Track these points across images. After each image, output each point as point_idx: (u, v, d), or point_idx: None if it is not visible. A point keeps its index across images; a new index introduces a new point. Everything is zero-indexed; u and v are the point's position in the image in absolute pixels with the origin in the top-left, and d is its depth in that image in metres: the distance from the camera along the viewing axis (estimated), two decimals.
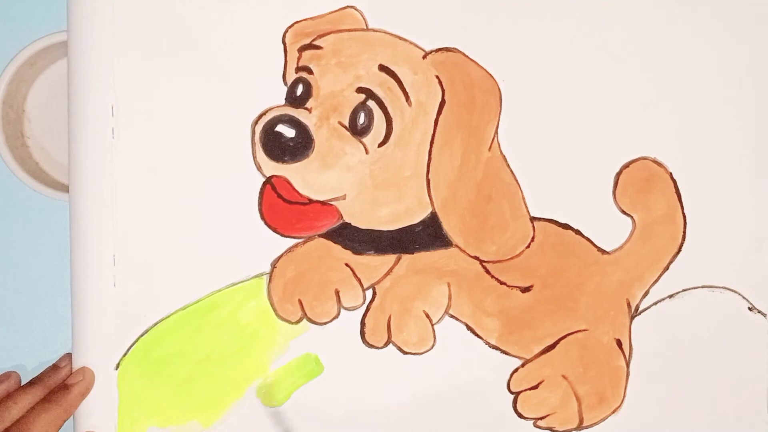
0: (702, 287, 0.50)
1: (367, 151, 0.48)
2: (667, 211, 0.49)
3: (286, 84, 0.49)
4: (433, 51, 0.49)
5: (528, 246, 0.49)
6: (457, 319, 0.50)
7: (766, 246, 0.50)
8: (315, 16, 0.49)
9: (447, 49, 0.49)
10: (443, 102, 0.48)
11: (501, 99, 0.49)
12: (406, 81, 0.48)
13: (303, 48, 0.49)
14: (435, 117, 0.48)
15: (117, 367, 0.50)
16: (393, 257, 0.50)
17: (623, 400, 0.50)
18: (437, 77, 0.48)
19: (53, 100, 0.56)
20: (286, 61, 0.49)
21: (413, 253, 0.49)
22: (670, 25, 0.49)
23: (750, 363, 0.50)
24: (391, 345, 0.50)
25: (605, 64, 0.49)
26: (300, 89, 0.49)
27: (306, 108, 0.48)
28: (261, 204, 0.49)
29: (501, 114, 0.49)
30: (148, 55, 0.49)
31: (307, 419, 0.50)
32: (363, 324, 0.50)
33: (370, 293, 0.50)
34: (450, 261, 0.49)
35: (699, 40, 0.49)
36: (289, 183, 0.49)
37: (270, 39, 0.49)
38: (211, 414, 0.50)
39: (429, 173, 0.49)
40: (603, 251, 0.50)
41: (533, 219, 0.49)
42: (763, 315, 0.50)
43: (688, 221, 0.49)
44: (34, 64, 0.54)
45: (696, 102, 0.49)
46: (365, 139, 0.48)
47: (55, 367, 0.49)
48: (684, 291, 0.50)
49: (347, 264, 0.50)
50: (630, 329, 0.50)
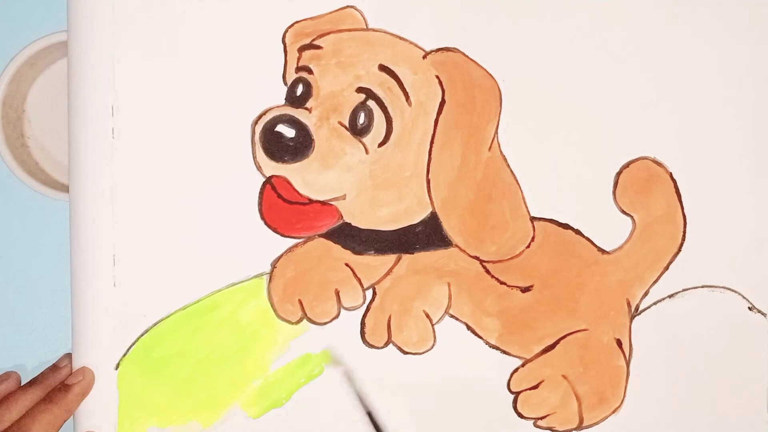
0: (702, 287, 0.50)
1: (367, 151, 0.48)
2: (667, 211, 0.49)
3: (286, 84, 0.49)
4: (433, 51, 0.49)
5: (528, 246, 0.49)
6: (457, 319, 0.50)
7: (766, 246, 0.50)
8: (315, 16, 0.49)
9: (447, 49, 0.49)
10: (443, 102, 0.48)
11: (501, 99, 0.49)
12: (406, 81, 0.48)
13: (303, 48, 0.49)
14: (435, 117, 0.48)
15: (117, 367, 0.50)
16: (393, 257, 0.50)
17: (623, 400, 0.50)
18: (437, 77, 0.48)
19: (53, 100, 0.56)
20: (286, 61, 0.49)
21: (413, 253, 0.49)
22: (670, 25, 0.49)
23: (750, 363, 0.50)
24: (391, 345, 0.50)
25: (605, 64, 0.49)
26: (300, 89, 0.49)
27: (306, 108, 0.48)
28: (261, 204, 0.49)
29: (501, 114, 0.49)
30: (148, 55, 0.49)
31: (307, 419, 0.50)
32: (363, 324, 0.50)
33: (370, 293, 0.50)
34: (450, 261, 0.49)
35: (699, 40, 0.49)
36: (289, 183, 0.49)
37: (270, 39, 0.49)
38: (211, 414, 0.50)
39: (429, 173, 0.49)
40: (603, 251, 0.50)
41: (533, 219, 0.49)
42: (763, 315, 0.50)
43: (688, 221, 0.49)
44: (34, 64, 0.54)
45: (696, 102, 0.49)
46: (365, 139, 0.48)
47: (55, 367, 0.49)
48: (684, 291, 0.50)
49: (347, 264, 0.50)
50: (630, 329, 0.50)
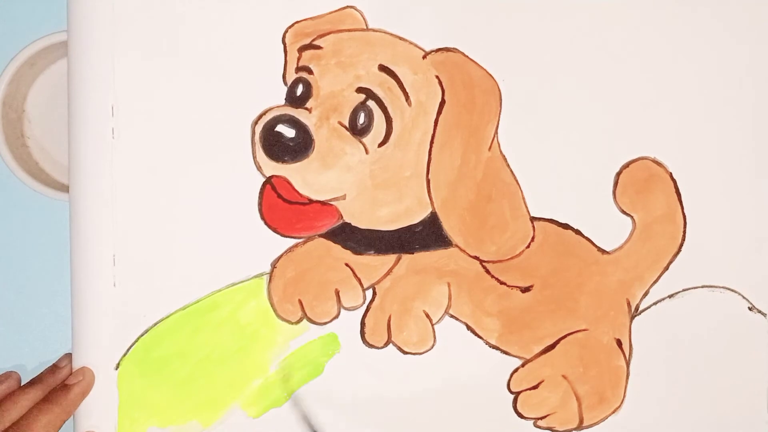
0: (702, 287, 0.50)
1: (367, 151, 0.48)
2: (667, 211, 0.49)
3: (286, 84, 0.49)
4: (433, 51, 0.49)
5: (528, 246, 0.49)
6: (457, 319, 0.50)
7: (766, 246, 0.50)
8: (315, 16, 0.49)
9: (447, 49, 0.49)
10: (443, 102, 0.48)
11: (501, 99, 0.49)
12: (406, 81, 0.48)
13: (303, 48, 0.49)
14: (435, 117, 0.48)
15: (117, 367, 0.50)
16: (393, 257, 0.50)
17: (623, 400, 0.50)
18: (437, 77, 0.48)
19: (53, 100, 0.56)
20: (286, 61, 0.49)
21: (413, 253, 0.49)
22: (670, 25, 0.49)
23: (750, 363, 0.50)
24: (391, 345, 0.50)
25: (605, 64, 0.49)
26: (300, 89, 0.49)
27: (306, 108, 0.48)
28: (261, 204, 0.49)
29: (501, 114, 0.49)
30: (148, 55, 0.49)
31: (306, 419, 0.50)
32: (363, 324, 0.50)
33: (370, 293, 0.50)
34: (450, 261, 0.49)
35: (699, 40, 0.49)
36: (289, 183, 0.49)
37: (270, 39, 0.49)
38: (211, 414, 0.50)
39: (429, 173, 0.49)
40: (603, 251, 0.50)
41: (533, 219, 0.49)
42: (763, 315, 0.50)
43: (688, 221, 0.49)
44: (34, 64, 0.54)
45: (696, 102, 0.49)
46: (365, 139, 0.48)
47: (55, 367, 0.49)
48: (684, 291, 0.50)
49: (347, 264, 0.50)
50: (630, 329, 0.50)
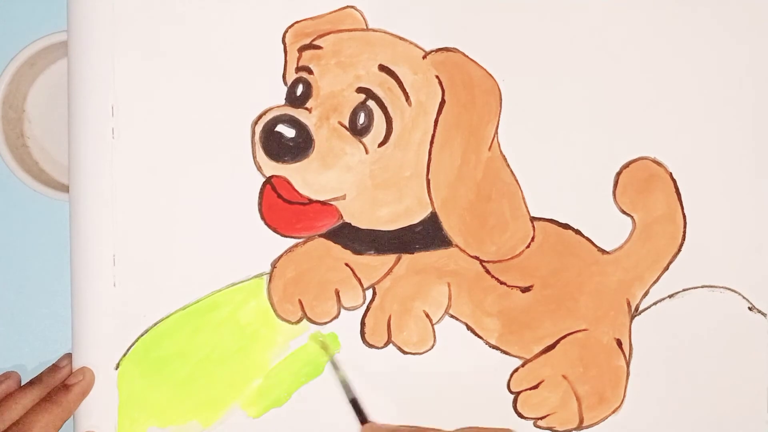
0: (702, 287, 0.50)
1: (367, 151, 0.48)
2: (667, 211, 0.49)
3: (286, 84, 0.49)
4: (433, 51, 0.49)
5: (528, 246, 0.49)
6: (457, 319, 0.50)
7: (766, 246, 0.50)
8: (315, 16, 0.49)
9: (447, 49, 0.49)
10: (443, 102, 0.48)
11: (501, 99, 0.49)
12: (406, 81, 0.48)
13: (303, 48, 0.49)
14: (435, 117, 0.48)
15: (117, 367, 0.50)
16: (393, 257, 0.50)
17: (623, 400, 0.50)
18: (437, 77, 0.48)
19: (53, 100, 0.56)
20: (286, 61, 0.49)
21: (413, 253, 0.49)
22: (670, 25, 0.49)
23: (750, 363, 0.50)
24: (391, 345, 0.50)
25: (605, 64, 0.49)
26: (300, 89, 0.48)
27: (306, 108, 0.48)
28: (261, 204, 0.49)
29: (501, 114, 0.49)
30: (148, 55, 0.49)
31: (307, 419, 0.50)
32: (363, 324, 0.50)
33: (370, 293, 0.50)
34: (450, 261, 0.49)
35: (699, 40, 0.49)
36: (289, 183, 0.49)
37: (270, 39, 0.49)
38: (211, 414, 0.50)
39: (429, 173, 0.49)
40: (603, 251, 0.50)
41: (533, 219, 0.49)
42: (763, 315, 0.50)
43: (688, 221, 0.49)
44: (34, 64, 0.54)
45: (696, 102, 0.49)
46: (365, 139, 0.48)
47: (55, 367, 0.49)
48: (684, 291, 0.50)
49: (347, 264, 0.50)
50: (630, 329, 0.50)
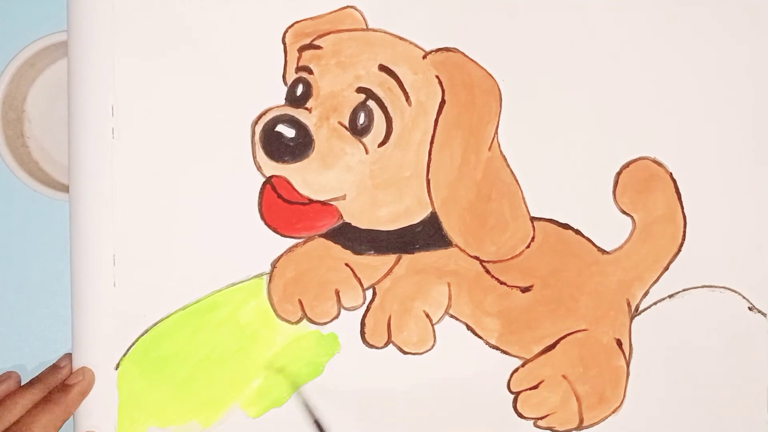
0: (702, 287, 0.50)
1: (367, 151, 0.48)
2: (667, 211, 0.49)
3: (286, 84, 0.49)
4: (433, 51, 0.49)
5: (528, 246, 0.49)
6: (457, 319, 0.50)
7: (766, 246, 0.50)
8: (315, 16, 0.49)
9: (447, 49, 0.49)
10: (443, 102, 0.48)
11: (501, 99, 0.49)
12: (406, 81, 0.48)
13: (303, 48, 0.49)
14: (435, 117, 0.48)
15: (117, 367, 0.50)
16: (393, 257, 0.50)
17: (623, 400, 0.50)
18: (437, 77, 0.48)
19: (53, 100, 0.56)
20: (286, 61, 0.49)
21: (413, 253, 0.49)
22: (670, 25, 0.49)
23: (750, 363, 0.50)
24: (391, 345, 0.50)
25: (605, 64, 0.49)
26: (300, 89, 0.48)
27: (306, 108, 0.48)
28: (261, 204, 0.49)
29: (501, 114, 0.49)
30: (148, 55, 0.49)
31: (306, 419, 0.50)
32: (363, 324, 0.50)
33: (370, 293, 0.50)
34: (450, 261, 0.49)
35: (699, 40, 0.49)
36: (289, 183, 0.49)
37: (270, 39, 0.49)
38: (211, 414, 0.50)
39: (429, 173, 0.49)
40: (603, 251, 0.50)
41: (533, 219, 0.49)
42: (763, 315, 0.50)
43: (688, 221, 0.49)
44: (34, 64, 0.54)
45: (696, 102, 0.49)
46: (365, 139, 0.48)
47: (55, 367, 0.49)
48: (684, 291, 0.50)
49: (347, 264, 0.50)
50: (630, 329, 0.50)
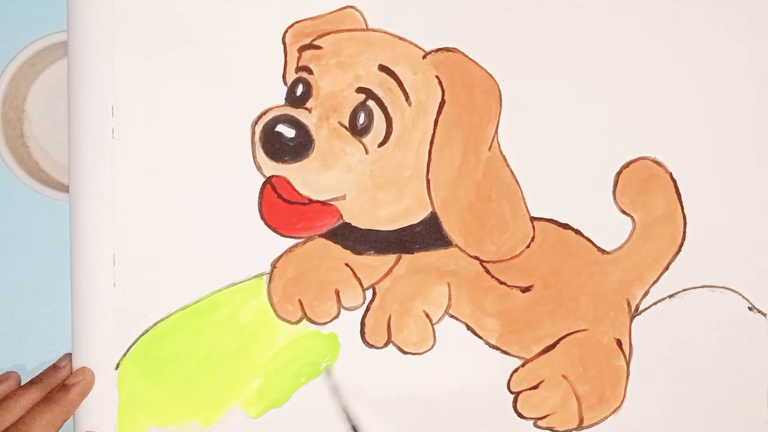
0: (702, 287, 0.50)
1: (367, 151, 0.48)
2: (667, 211, 0.49)
3: (286, 84, 0.49)
4: (433, 51, 0.49)
5: (528, 246, 0.49)
6: (457, 319, 0.50)
7: (766, 246, 0.50)
8: (315, 16, 0.49)
9: (447, 49, 0.49)
10: (443, 102, 0.48)
11: (501, 99, 0.49)
12: (406, 81, 0.48)
13: (303, 48, 0.49)
14: (435, 117, 0.48)
15: (117, 367, 0.50)
16: (393, 257, 0.50)
17: (623, 400, 0.50)
18: (437, 77, 0.48)
19: (53, 100, 0.56)
20: (286, 61, 0.49)
21: (413, 253, 0.49)
22: (670, 25, 0.49)
23: (750, 363, 0.50)
24: (391, 345, 0.50)
25: (605, 64, 0.49)
26: (300, 89, 0.49)
27: (306, 108, 0.48)
28: (261, 204, 0.49)
29: (501, 114, 0.49)
30: (148, 55, 0.49)
31: (307, 419, 0.50)
32: (363, 324, 0.50)
33: (370, 293, 0.50)
34: (450, 261, 0.49)
35: (699, 40, 0.49)
36: (289, 183, 0.49)
37: (270, 39, 0.49)
38: (211, 414, 0.50)
39: (429, 173, 0.49)
40: (603, 251, 0.50)
41: (533, 219, 0.49)
42: (763, 315, 0.50)
43: (688, 221, 0.49)
44: (34, 64, 0.54)
45: (696, 102, 0.49)
46: (365, 139, 0.48)
47: (55, 367, 0.49)
48: (684, 291, 0.50)
49: (347, 264, 0.50)
50: (630, 329, 0.50)
